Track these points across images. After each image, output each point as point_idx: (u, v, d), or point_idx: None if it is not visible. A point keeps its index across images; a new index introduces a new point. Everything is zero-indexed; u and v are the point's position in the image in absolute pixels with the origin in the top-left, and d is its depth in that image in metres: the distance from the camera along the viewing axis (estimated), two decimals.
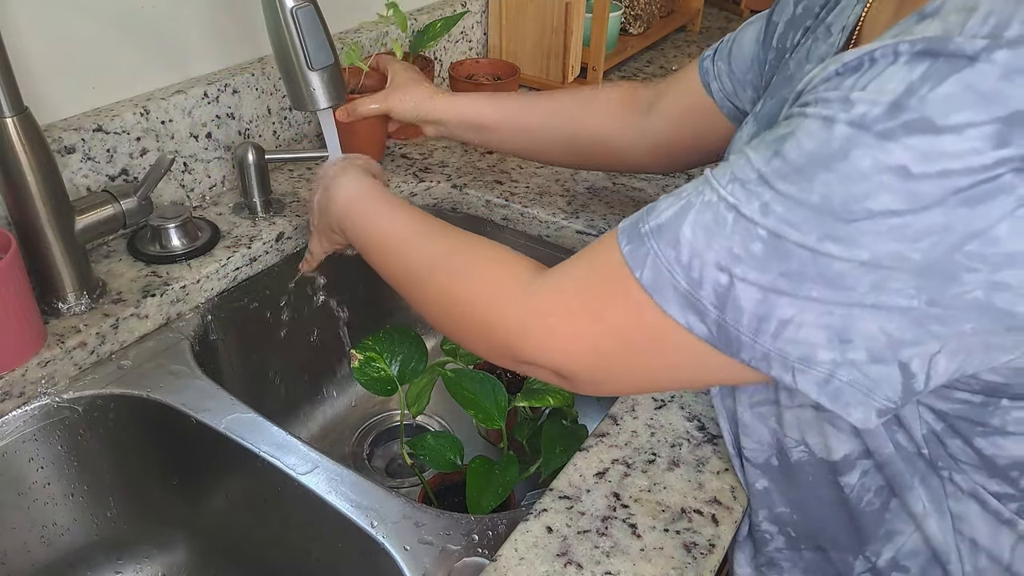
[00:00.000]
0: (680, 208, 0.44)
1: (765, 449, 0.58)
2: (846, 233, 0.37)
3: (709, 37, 1.62)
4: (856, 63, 0.39)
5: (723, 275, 0.41)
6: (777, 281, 0.40)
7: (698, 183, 0.44)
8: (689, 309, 0.43)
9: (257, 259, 0.85)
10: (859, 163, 0.37)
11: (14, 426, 0.67)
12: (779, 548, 0.62)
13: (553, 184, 1.00)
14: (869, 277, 0.38)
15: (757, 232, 0.40)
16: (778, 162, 0.40)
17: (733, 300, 0.41)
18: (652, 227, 0.44)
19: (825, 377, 0.42)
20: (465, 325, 0.55)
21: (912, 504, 0.53)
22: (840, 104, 0.38)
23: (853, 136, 0.37)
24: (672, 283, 0.43)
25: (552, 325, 0.49)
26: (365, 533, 0.59)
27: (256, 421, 0.67)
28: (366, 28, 1.09)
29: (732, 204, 0.41)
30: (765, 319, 0.41)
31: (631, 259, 0.45)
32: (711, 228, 0.41)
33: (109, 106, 0.81)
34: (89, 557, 0.76)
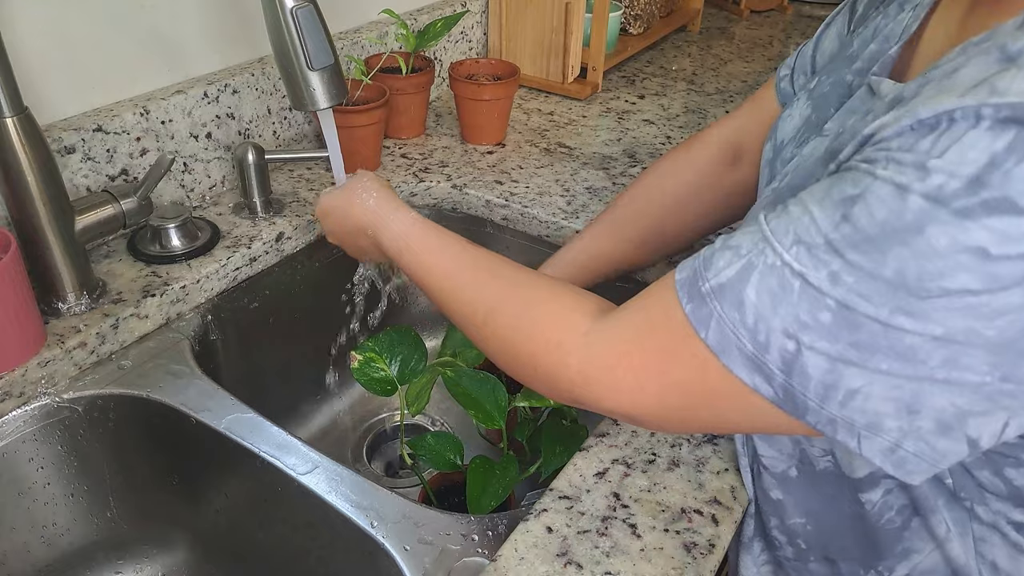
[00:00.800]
0: (741, 268, 0.42)
1: (785, 459, 0.58)
2: (920, 308, 0.36)
3: (709, 37, 1.62)
4: (933, 121, 0.36)
5: (790, 342, 0.40)
6: (846, 351, 0.39)
7: (756, 239, 0.43)
8: (756, 371, 0.42)
9: (257, 259, 0.85)
10: (935, 241, 0.35)
11: (14, 426, 0.67)
12: (787, 557, 0.62)
13: (553, 184, 1.00)
14: (941, 352, 0.37)
15: (826, 301, 0.39)
16: (847, 228, 0.38)
17: (800, 367, 0.40)
18: (713, 286, 0.43)
19: (891, 446, 0.41)
20: (527, 373, 0.55)
21: (935, 526, 0.52)
22: (915, 171, 0.36)
23: (929, 211, 0.35)
24: (738, 345, 0.42)
25: (616, 378, 0.48)
26: (365, 533, 0.59)
27: (256, 421, 0.67)
28: (366, 28, 1.09)
29: (798, 271, 0.40)
30: (832, 387, 0.40)
31: (695, 319, 0.44)
32: (777, 294, 0.40)
33: (109, 106, 0.81)
34: (89, 557, 0.76)
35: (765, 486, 0.59)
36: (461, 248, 0.64)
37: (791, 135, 0.60)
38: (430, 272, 0.63)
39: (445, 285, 0.62)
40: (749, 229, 0.44)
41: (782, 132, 0.61)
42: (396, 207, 0.69)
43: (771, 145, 0.62)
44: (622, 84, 1.35)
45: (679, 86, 1.35)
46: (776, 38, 1.63)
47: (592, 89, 1.27)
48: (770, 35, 1.65)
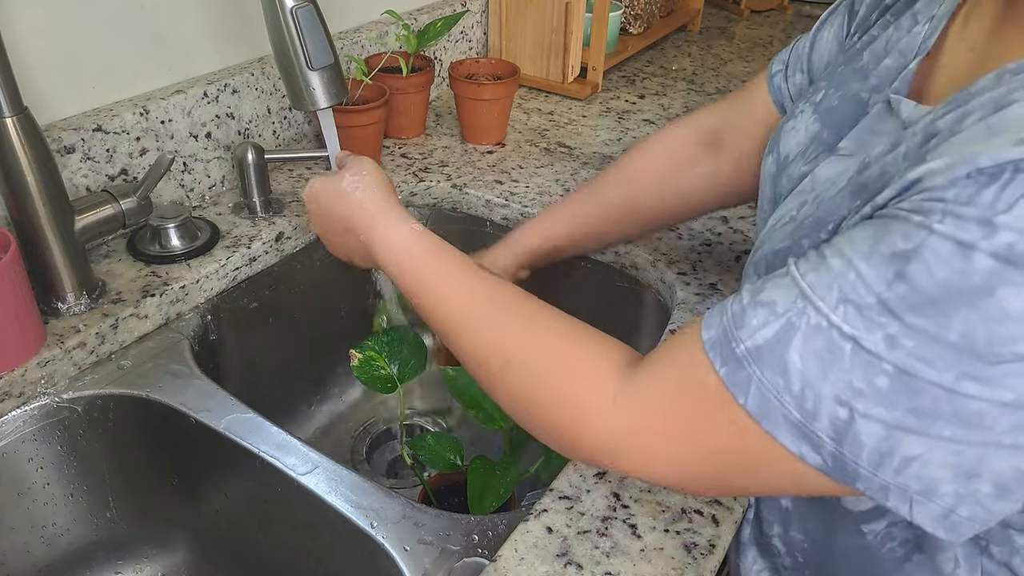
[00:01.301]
0: (781, 329, 0.39)
1: None
2: (989, 374, 0.34)
3: (709, 37, 1.62)
4: (995, 171, 0.33)
5: (842, 409, 0.37)
6: (905, 419, 0.36)
7: (793, 295, 0.39)
8: (803, 440, 0.39)
9: (257, 259, 0.85)
10: (1007, 304, 0.33)
11: (14, 426, 0.67)
12: (785, 566, 0.62)
13: (553, 184, 1.00)
14: (1011, 418, 0.35)
15: (883, 367, 0.36)
16: (903, 288, 0.35)
17: (853, 435, 0.38)
18: (750, 348, 0.40)
19: (945, 512, 0.39)
20: (547, 432, 0.51)
21: (942, 564, 0.51)
22: (979, 227, 0.33)
23: (1000, 272, 0.33)
24: (783, 412, 0.39)
25: (648, 449, 0.45)
26: (365, 533, 0.59)
27: (256, 421, 0.67)
28: (366, 28, 1.09)
29: (849, 334, 0.37)
30: (888, 455, 0.37)
31: (731, 384, 0.41)
32: (825, 358, 0.37)
33: (109, 106, 0.81)
34: (89, 557, 0.76)
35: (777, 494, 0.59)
36: (476, 277, 0.57)
37: (797, 151, 0.57)
38: (439, 303, 0.57)
39: (455, 320, 0.55)
40: (781, 282, 0.41)
41: (786, 146, 0.58)
42: (397, 213, 0.62)
43: (773, 158, 0.60)
44: (622, 84, 1.35)
45: (679, 86, 1.35)
46: (776, 38, 1.63)
47: (592, 89, 1.27)
48: (770, 35, 1.65)
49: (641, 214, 0.78)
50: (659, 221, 0.81)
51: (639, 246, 0.88)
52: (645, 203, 0.78)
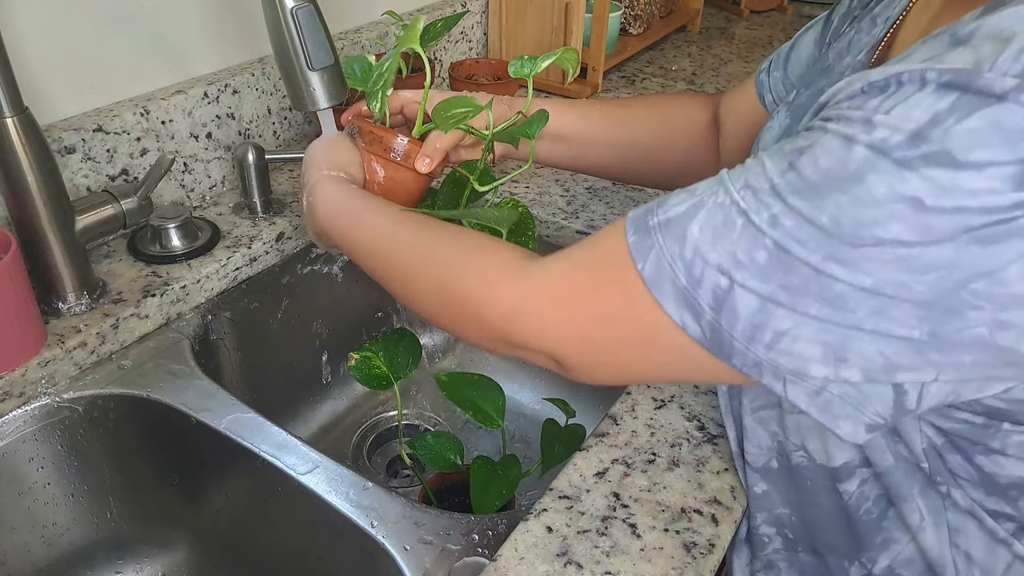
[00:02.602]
0: (692, 205, 0.43)
1: (765, 453, 0.58)
2: (851, 257, 0.37)
3: (709, 37, 1.62)
4: (883, 83, 0.38)
5: (724, 278, 0.41)
6: (777, 293, 0.39)
7: (712, 182, 0.44)
8: (685, 307, 0.42)
9: (257, 259, 0.85)
10: (874, 188, 0.36)
11: (14, 426, 0.67)
12: (776, 549, 0.62)
13: (553, 184, 1.00)
14: (870, 303, 0.38)
15: (764, 241, 0.39)
16: (792, 175, 0.39)
17: (730, 304, 0.41)
18: (661, 220, 0.44)
19: (816, 389, 0.41)
20: (458, 313, 0.54)
21: (908, 515, 0.53)
22: (862, 125, 0.38)
23: (871, 160, 0.36)
24: (672, 278, 0.42)
25: (543, 309, 0.48)
26: (365, 533, 0.59)
27: (256, 421, 0.67)
28: (366, 28, 1.09)
29: (743, 209, 0.41)
30: (760, 328, 0.40)
31: (635, 249, 0.44)
32: (719, 230, 0.41)
33: (109, 106, 0.81)
34: (89, 557, 0.76)
35: (750, 482, 0.60)
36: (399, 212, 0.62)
37: (771, 145, 0.61)
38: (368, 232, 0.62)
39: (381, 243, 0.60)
40: (710, 179, 0.45)
41: (763, 143, 0.62)
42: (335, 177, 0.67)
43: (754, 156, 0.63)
44: (622, 84, 1.35)
45: (679, 86, 1.35)
46: (776, 38, 1.63)
47: (592, 89, 1.28)
48: (770, 35, 1.65)
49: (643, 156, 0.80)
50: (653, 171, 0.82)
51: None
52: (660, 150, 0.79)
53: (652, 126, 0.79)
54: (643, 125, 0.79)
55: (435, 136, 0.67)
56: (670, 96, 0.83)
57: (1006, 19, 0.36)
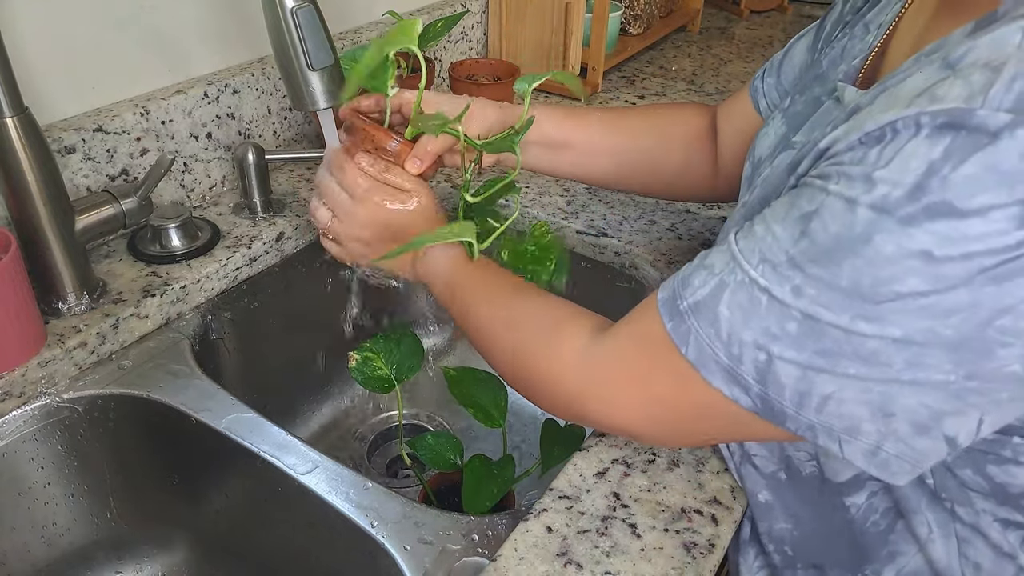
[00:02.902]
0: (715, 287, 0.45)
1: (775, 460, 0.58)
2: (876, 313, 0.38)
3: (709, 37, 1.62)
4: (879, 134, 0.39)
5: (761, 353, 0.43)
6: (814, 359, 0.41)
7: (727, 259, 0.45)
8: (733, 383, 0.45)
9: (257, 259, 0.85)
10: (883, 248, 0.37)
11: (14, 426, 0.67)
12: (774, 564, 0.62)
13: (553, 184, 1.00)
14: (903, 354, 0.39)
15: (791, 313, 0.41)
16: (805, 244, 0.41)
17: (774, 376, 0.43)
18: (690, 304, 0.46)
19: (872, 449, 0.43)
20: (531, 386, 0.58)
21: (917, 527, 0.53)
22: (862, 184, 0.38)
23: (875, 221, 0.37)
24: (715, 359, 0.45)
25: (607, 395, 0.52)
26: (365, 533, 0.59)
27: (256, 421, 0.67)
28: (367, 28, 1.09)
29: (764, 287, 0.42)
30: (807, 395, 0.42)
31: (675, 335, 0.47)
32: (746, 308, 0.43)
33: (109, 106, 0.81)
34: (89, 557, 0.76)
35: (754, 488, 0.59)
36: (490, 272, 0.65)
37: (767, 152, 0.62)
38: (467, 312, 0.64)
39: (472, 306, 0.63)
40: (721, 248, 0.47)
41: (759, 150, 0.63)
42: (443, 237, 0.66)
43: (750, 163, 0.64)
44: (622, 84, 1.35)
45: (679, 86, 1.35)
46: (776, 38, 1.63)
47: (592, 89, 1.28)
48: (770, 35, 1.65)
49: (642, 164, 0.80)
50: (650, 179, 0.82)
51: (639, 246, 0.88)
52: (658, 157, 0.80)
53: (650, 134, 0.79)
54: (641, 133, 0.79)
55: (427, 139, 0.67)
56: (668, 105, 0.85)
57: (996, 43, 0.36)
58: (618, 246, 0.89)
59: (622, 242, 0.89)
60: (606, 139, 0.78)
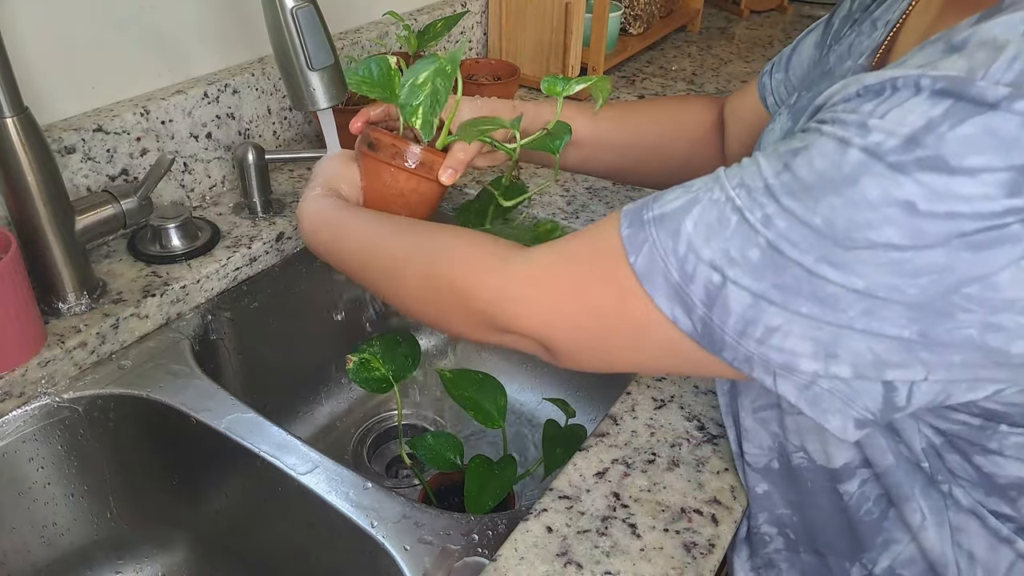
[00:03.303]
0: (687, 201, 0.43)
1: (766, 453, 0.58)
2: (844, 260, 0.37)
3: (709, 37, 1.62)
4: (878, 88, 0.38)
5: (716, 274, 0.41)
6: (769, 291, 0.40)
7: (709, 179, 0.44)
8: (677, 302, 0.43)
9: (257, 259, 0.85)
10: (867, 191, 0.36)
11: (14, 426, 0.67)
12: (778, 549, 0.62)
13: (553, 184, 1.00)
14: (862, 304, 0.38)
15: (757, 240, 0.40)
16: (787, 176, 0.40)
17: (723, 300, 0.41)
18: (656, 215, 0.44)
19: (805, 383, 0.42)
20: (444, 302, 0.54)
21: (909, 515, 0.53)
22: (857, 128, 0.38)
23: (866, 163, 0.37)
24: (664, 272, 0.43)
25: (533, 295, 0.49)
26: (365, 533, 0.59)
27: (256, 421, 0.67)
28: (366, 28, 1.09)
29: (738, 207, 0.41)
30: (752, 323, 0.41)
31: (628, 243, 0.44)
32: (713, 226, 0.41)
33: (109, 106, 0.81)
34: (89, 557, 0.76)
35: (751, 483, 0.60)
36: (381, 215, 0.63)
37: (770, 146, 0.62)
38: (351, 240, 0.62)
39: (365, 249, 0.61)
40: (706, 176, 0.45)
41: (764, 145, 0.63)
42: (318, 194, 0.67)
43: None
44: (622, 84, 1.35)
45: (679, 86, 1.35)
46: (776, 38, 1.63)
47: None
48: (770, 35, 1.65)
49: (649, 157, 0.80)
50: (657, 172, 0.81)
51: None
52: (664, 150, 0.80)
53: (658, 127, 0.79)
54: (649, 127, 0.79)
55: (459, 147, 0.67)
56: (675, 98, 0.85)
57: (1000, 27, 0.36)
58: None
59: None
60: (615, 135, 0.78)
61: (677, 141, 0.79)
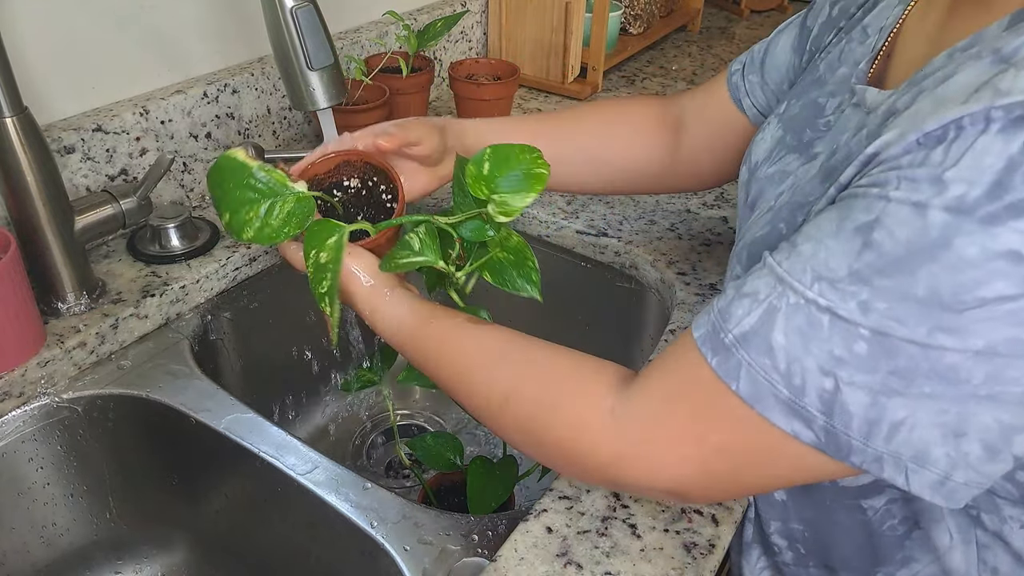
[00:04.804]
0: (763, 313, 0.41)
1: None
2: (958, 324, 0.35)
3: (709, 37, 1.62)
4: (940, 133, 0.36)
5: (827, 379, 0.39)
6: (887, 381, 0.38)
7: (771, 281, 0.42)
8: (794, 417, 0.40)
9: (257, 259, 0.85)
10: (965, 251, 0.34)
11: (14, 426, 0.67)
12: (786, 562, 0.62)
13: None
14: (984, 367, 0.36)
15: (859, 332, 0.38)
16: (870, 256, 0.37)
17: (841, 405, 0.39)
18: (737, 336, 0.42)
19: (940, 479, 0.39)
20: (554, 457, 0.51)
21: (938, 538, 0.52)
22: (931, 186, 0.36)
23: (953, 223, 0.35)
24: (773, 392, 0.40)
25: (649, 455, 0.46)
26: (365, 533, 0.59)
27: (256, 421, 0.67)
28: (366, 28, 1.09)
29: (825, 307, 0.39)
30: (876, 423, 0.39)
31: (723, 372, 0.42)
32: (806, 332, 0.39)
33: (109, 106, 0.81)
34: (89, 557, 0.76)
35: None
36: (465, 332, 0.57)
37: (764, 156, 0.61)
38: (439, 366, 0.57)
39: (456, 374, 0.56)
40: (761, 273, 0.43)
41: (756, 155, 0.62)
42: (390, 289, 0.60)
43: (747, 168, 0.63)
44: (622, 84, 1.35)
45: (679, 86, 1.35)
46: None
47: (592, 89, 1.27)
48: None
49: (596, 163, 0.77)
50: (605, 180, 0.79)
51: (639, 246, 0.88)
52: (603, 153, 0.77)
53: (593, 134, 0.76)
54: (583, 135, 0.76)
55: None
56: (608, 102, 0.81)
57: None
58: (618, 246, 0.89)
59: (622, 242, 0.88)
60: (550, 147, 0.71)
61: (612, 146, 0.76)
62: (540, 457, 0.53)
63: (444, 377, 0.57)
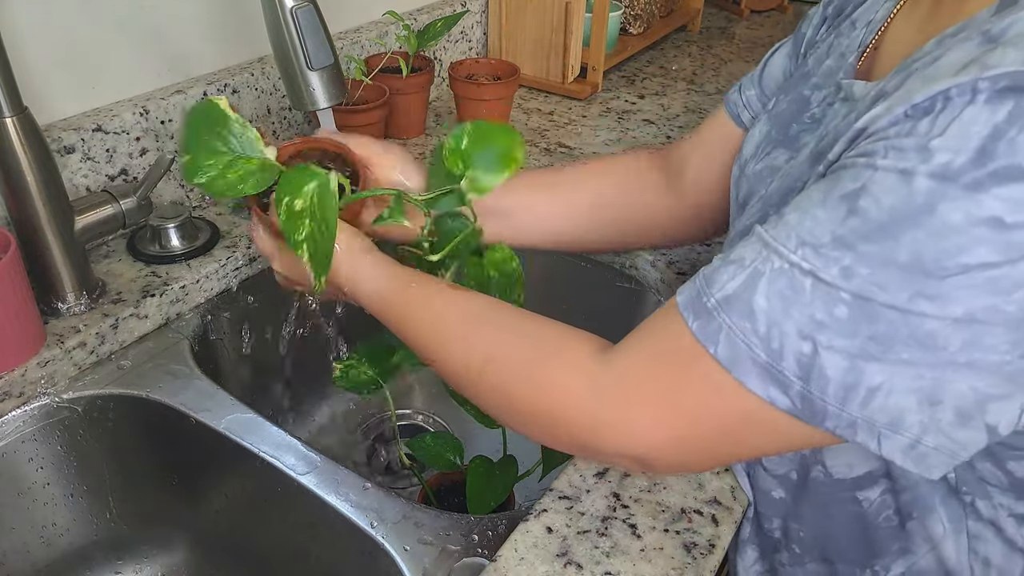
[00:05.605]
0: (747, 277, 0.41)
1: (787, 464, 0.57)
2: (939, 289, 0.36)
3: (709, 37, 1.62)
4: (928, 104, 0.36)
5: (806, 343, 0.39)
6: (866, 346, 0.38)
7: (757, 247, 0.42)
8: (770, 382, 0.41)
9: (257, 259, 0.85)
10: (948, 217, 0.35)
11: (14, 426, 0.67)
12: (782, 562, 0.62)
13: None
14: (962, 334, 0.36)
15: (840, 296, 0.38)
16: (855, 221, 0.38)
17: (818, 369, 0.39)
18: (719, 299, 0.42)
19: (911, 443, 0.40)
20: (528, 422, 0.51)
21: (932, 527, 0.52)
22: (917, 153, 0.36)
23: (937, 189, 0.35)
24: (751, 356, 0.41)
25: (625, 418, 0.46)
26: (365, 533, 0.59)
27: (255, 421, 0.67)
28: (366, 28, 1.09)
29: (807, 270, 0.39)
30: (853, 388, 0.39)
31: (702, 336, 0.42)
32: (788, 296, 0.39)
33: (109, 106, 0.81)
34: (89, 557, 0.76)
35: (766, 487, 0.59)
36: (443, 298, 0.57)
37: (753, 152, 0.61)
38: (417, 332, 0.57)
39: (434, 339, 0.56)
40: (748, 241, 0.43)
41: (746, 151, 0.62)
42: (368, 253, 0.60)
43: (737, 164, 0.63)
44: (622, 84, 1.35)
45: (679, 86, 1.35)
46: (776, 38, 1.63)
47: (592, 89, 1.27)
48: (770, 35, 1.65)
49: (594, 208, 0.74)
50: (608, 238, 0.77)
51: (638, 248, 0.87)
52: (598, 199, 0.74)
53: (587, 186, 0.74)
54: (575, 187, 0.74)
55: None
56: (602, 158, 0.80)
57: None
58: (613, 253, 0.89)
59: None
60: (541, 207, 0.73)
61: (607, 196, 0.74)
62: (516, 424, 0.52)
63: (422, 343, 0.56)
